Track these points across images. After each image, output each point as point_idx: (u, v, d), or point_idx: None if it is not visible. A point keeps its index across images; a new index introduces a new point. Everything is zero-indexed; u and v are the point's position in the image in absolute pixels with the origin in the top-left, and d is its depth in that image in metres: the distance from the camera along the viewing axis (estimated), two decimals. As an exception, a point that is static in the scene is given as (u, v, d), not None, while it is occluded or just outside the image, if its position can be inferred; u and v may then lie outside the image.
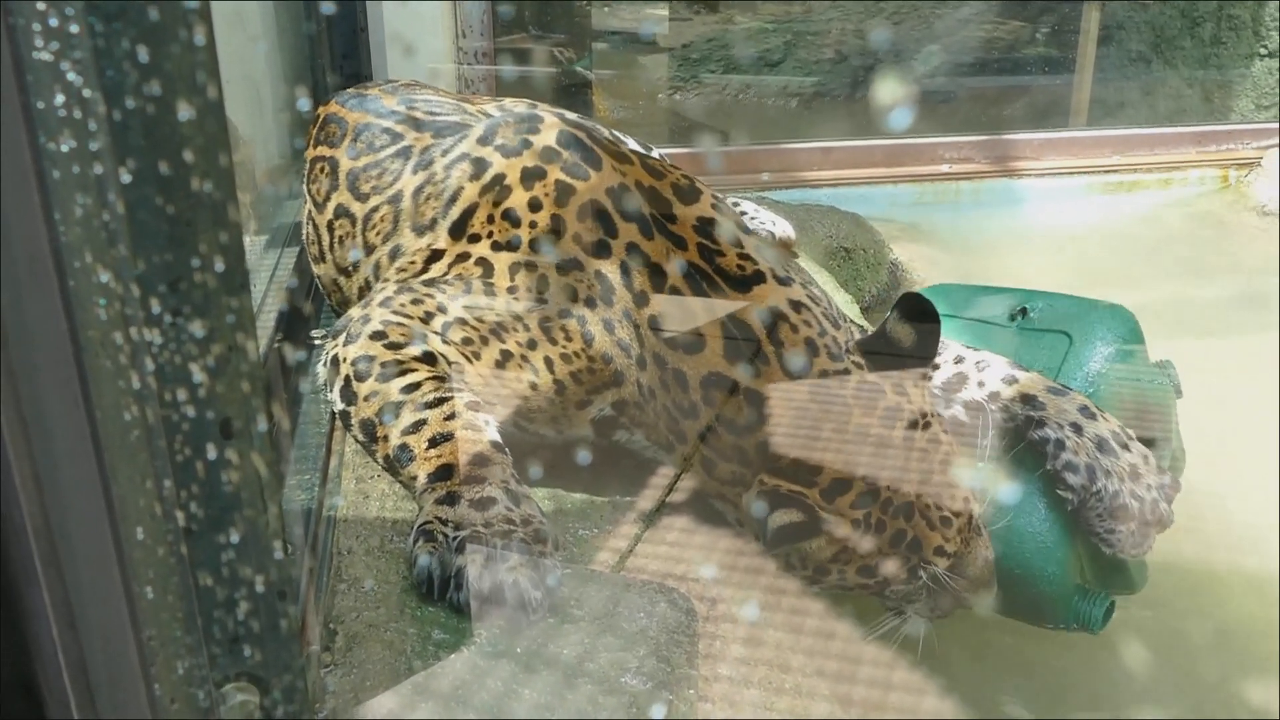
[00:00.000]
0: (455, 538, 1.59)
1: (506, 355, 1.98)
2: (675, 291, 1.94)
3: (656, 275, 1.94)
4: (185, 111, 0.65)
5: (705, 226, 1.98)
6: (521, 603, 1.52)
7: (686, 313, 1.93)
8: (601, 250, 1.97)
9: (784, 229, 3.28)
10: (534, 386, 1.99)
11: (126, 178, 0.66)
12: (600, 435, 2.07)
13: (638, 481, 2.11)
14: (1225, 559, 2.36)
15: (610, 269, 1.96)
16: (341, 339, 2.01)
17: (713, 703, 1.75)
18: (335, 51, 3.34)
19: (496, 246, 2.03)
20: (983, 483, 1.98)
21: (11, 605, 0.81)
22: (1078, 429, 2.01)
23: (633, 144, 2.82)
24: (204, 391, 0.72)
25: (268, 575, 0.80)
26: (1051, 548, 2.01)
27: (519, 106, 2.37)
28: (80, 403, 0.73)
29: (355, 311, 2.06)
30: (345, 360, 1.96)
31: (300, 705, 0.91)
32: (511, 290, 1.99)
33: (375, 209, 2.24)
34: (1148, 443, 2.08)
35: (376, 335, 1.97)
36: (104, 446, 0.74)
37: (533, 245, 1.99)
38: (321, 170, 2.40)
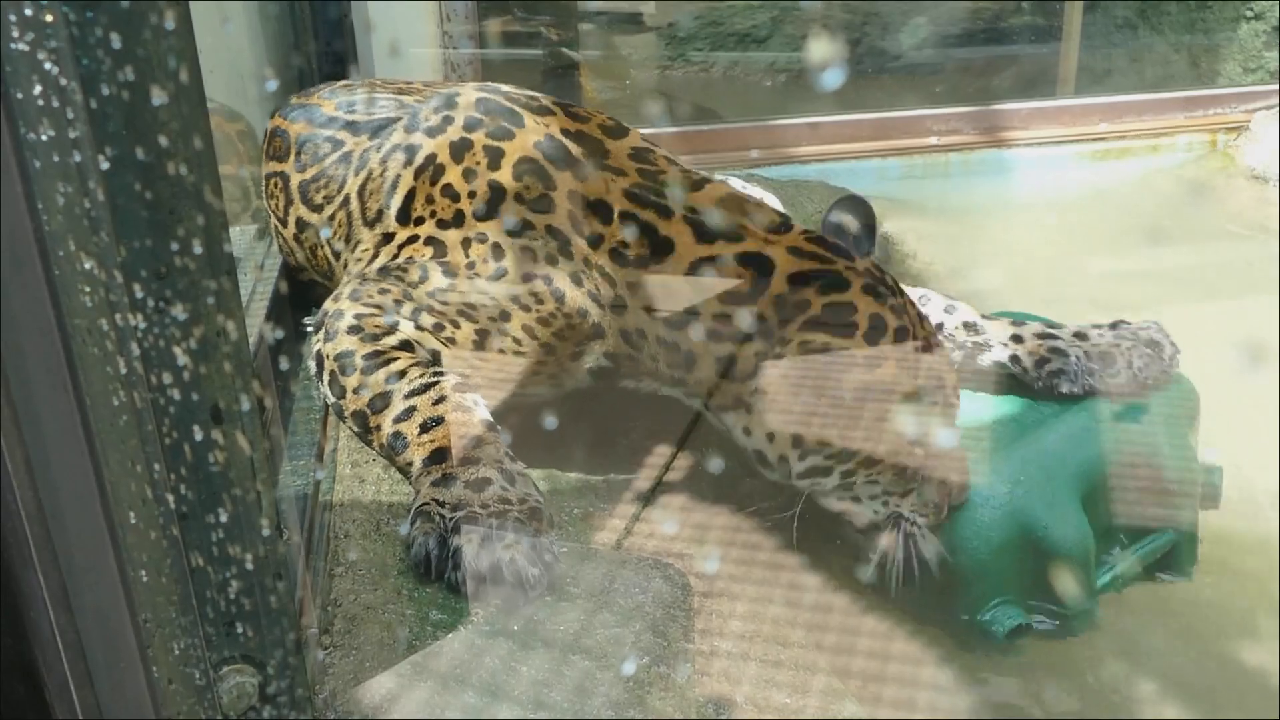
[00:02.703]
0: (451, 518, 1.60)
1: (483, 334, 2.00)
2: (628, 216, 1.94)
3: (604, 210, 1.95)
4: (159, 96, 0.65)
5: (640, 154, 2.02)
6: (519, 580, 1.53)
7: (646, 227, 1.94)
8: (544, 205, 1.98)
9: (772, 204, 3.28)
10: (520, 355, 2.00)
11: (105, 165, 0.67)
12: (602, 384, 2.07)
13: (633, 460, 2.12)
14: (1226, 524, 2.36)
15: (560, 221, 1.97)
16: (322, 334, 2.03)
17: (710, 676, 1.76)
18: (319, 41, 3.33)
19: (443, 225, 2.04)
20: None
21: (8, 590, 0.82)
22: (1018, 340, 2.24)
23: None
24: (188, 374, 0.73)
25: (260, 555, 0.81)
26: (991, 542, 1.96)
27: (443, 88, 2.38)
28: (69, 389, 0.74)
29: (329, 305, 2.08)
30: (329, 356, 1.98)
31: (298, 685, 0.93)
32: (469, 266, 2.00)
33: (332, 216, 2.27)
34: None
35: (352, 329, 1.98)
36: (94, 432, 0.75)
37: (476, 216, 2.01)
38: (275, 185, 2.41)
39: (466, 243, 2.01)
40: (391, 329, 1.99)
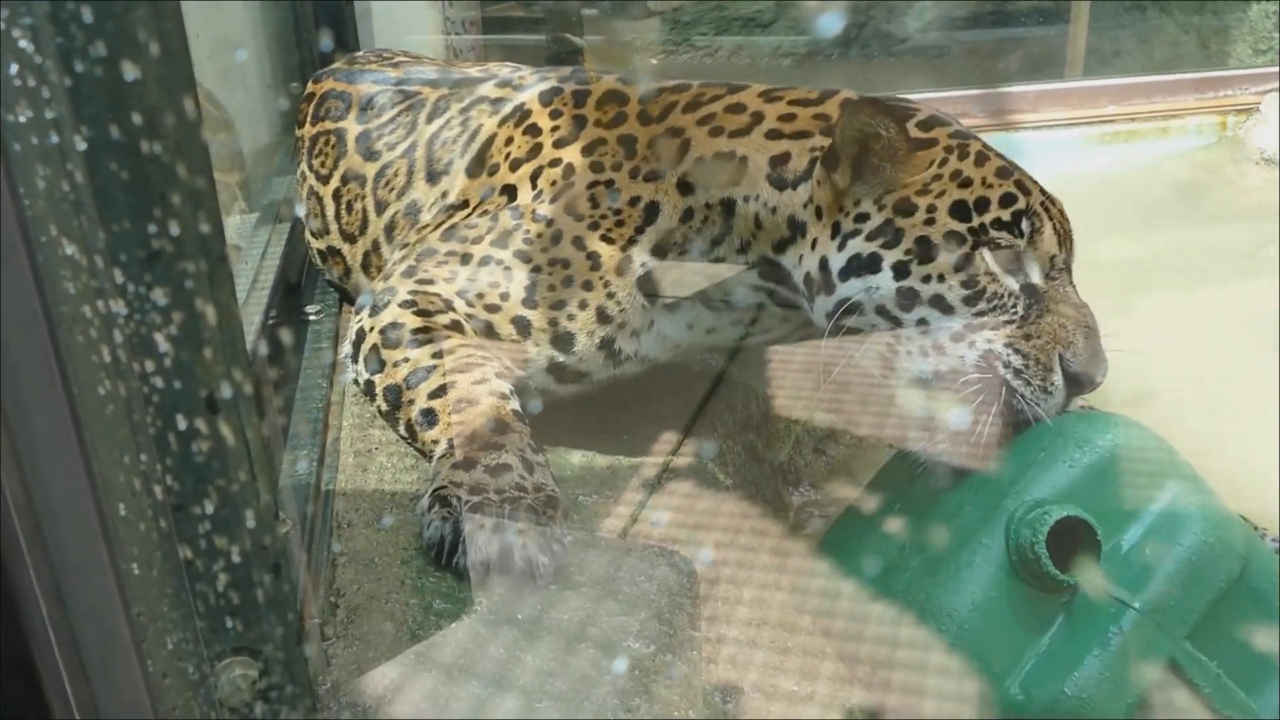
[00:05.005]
0: (468, 503, 1.59)
1: (536, 273, 1.98)
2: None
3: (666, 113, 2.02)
4: (131, 72, 0.63)
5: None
6: (529, 567, 1.51)
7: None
8: (619, 120, 2.03)
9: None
10: (597, 260, 1.98)
11: (82, 145, 0.65)
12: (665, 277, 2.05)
13: (638, 446, 2.10)
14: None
15: (631, 129, 2.02)
16: (366, 311, 1.99)
17: (717, 664, 1.75)
18: (320, 23, 3.31)
19: (516, 164, 2.05)
20: None
21: (2, 587, 0.81)
22: None
23: None
24: (171, 361, 0.71)
25: (248, 548, 0.80)
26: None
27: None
28: (57, 379, 0.72)
29: (378, 284, 2.05)
30: (374, 329, 1.95)
31: (295, 679, 0.91)
32: (537, 197, 2.00)
33: (389, 164, 2.27)
34: None
35: (406, 304, 1.96)
36: (83, 422, 0.73)
37: (556, 144, 2.04)
38: (326, 143, 2.42)
39: (538, 172, 2.03)
40: (446, 306, 1.97)
